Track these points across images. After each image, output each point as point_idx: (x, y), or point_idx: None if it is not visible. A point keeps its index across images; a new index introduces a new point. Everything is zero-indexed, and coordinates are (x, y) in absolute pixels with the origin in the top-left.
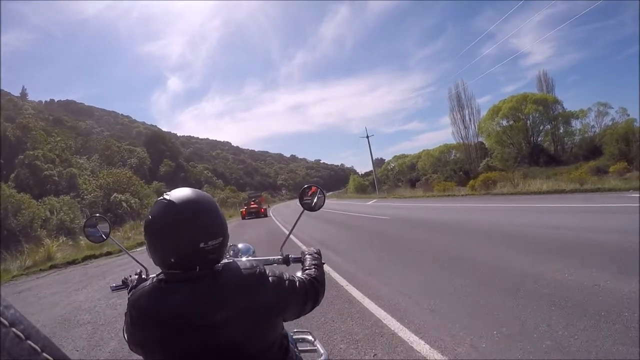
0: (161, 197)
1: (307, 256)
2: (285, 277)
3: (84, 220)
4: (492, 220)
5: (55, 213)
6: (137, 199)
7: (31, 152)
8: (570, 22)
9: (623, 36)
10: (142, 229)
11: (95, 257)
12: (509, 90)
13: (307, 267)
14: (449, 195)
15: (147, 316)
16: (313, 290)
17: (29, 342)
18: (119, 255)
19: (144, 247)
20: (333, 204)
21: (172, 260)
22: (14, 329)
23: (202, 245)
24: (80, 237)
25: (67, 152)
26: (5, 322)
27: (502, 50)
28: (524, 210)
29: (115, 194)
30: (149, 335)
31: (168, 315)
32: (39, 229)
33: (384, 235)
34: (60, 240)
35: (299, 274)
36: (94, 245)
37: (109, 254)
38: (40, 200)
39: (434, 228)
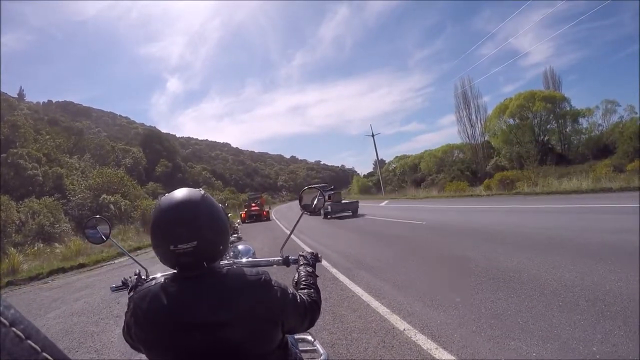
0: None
1: (302, 271)
2: (289, 290)
3: (66, 223)
4: (588, 226)
5: (30, 216)
6: (127, 201)
7: (15, 151)
8: (570, 21)
9: (622, 35)
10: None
11: (64, 270)
12: (508, 91)
13: (303, 285)
14: (470, 195)
15: (153, 316)
16: (311, 311)
17: (29, 342)
18: (91, 268)
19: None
20: None
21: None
22: (14, 329)
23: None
24: (56, 244)
25: (56, 151)
26: (6, 322)
27: (502, 51)
28: (594, 211)
29: (104, 195)
30: (153, 335)
31: (173, 314)
32: (13, 234)
33: (453, 255)
34: (36, 248)
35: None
36: (69, 254)
37: (82, 266)
38: (21, 203)
39: (524, 243)
